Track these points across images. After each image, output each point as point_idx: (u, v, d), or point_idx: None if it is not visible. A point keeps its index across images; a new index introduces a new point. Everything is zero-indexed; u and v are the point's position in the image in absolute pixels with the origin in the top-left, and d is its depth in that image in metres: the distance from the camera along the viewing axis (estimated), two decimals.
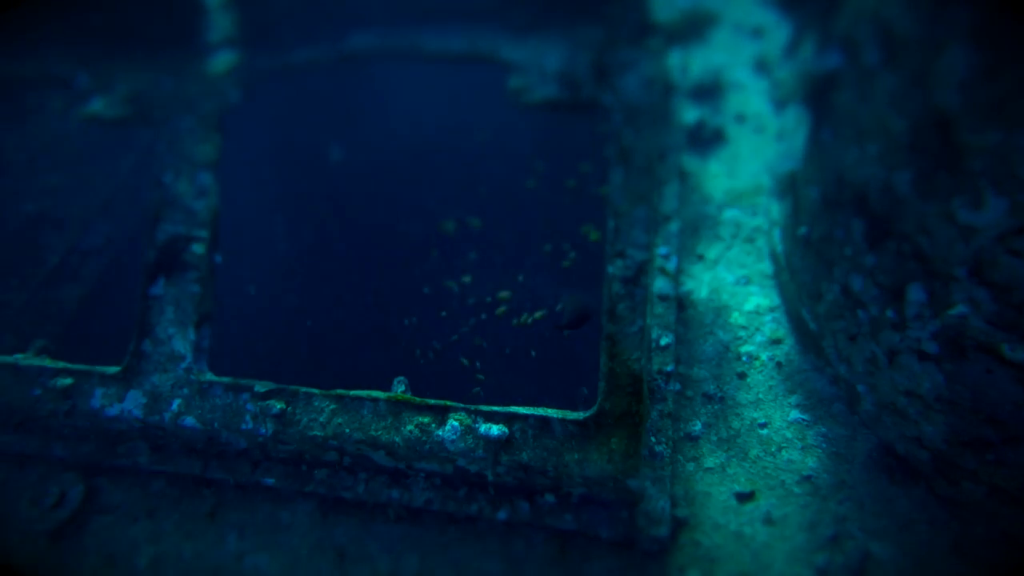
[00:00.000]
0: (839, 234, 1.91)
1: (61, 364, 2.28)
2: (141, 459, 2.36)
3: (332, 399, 1.98)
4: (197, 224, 2.18)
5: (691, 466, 2.14)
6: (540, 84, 1.92)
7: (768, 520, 1.98)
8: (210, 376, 2.11)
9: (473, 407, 1.87)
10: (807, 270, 2.22)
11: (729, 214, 2.85)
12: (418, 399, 1.92)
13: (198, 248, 2.16)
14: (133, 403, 2.17)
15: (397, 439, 1.91)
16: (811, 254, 2.16)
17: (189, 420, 2.11)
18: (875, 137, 1.61)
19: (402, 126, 3.39)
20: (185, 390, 2.12)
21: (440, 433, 1.86)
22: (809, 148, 2.06)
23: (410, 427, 1.90)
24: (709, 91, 3.33)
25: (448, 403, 1.89)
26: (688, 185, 3.00)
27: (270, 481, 2.22)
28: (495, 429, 1.79)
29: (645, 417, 1.74)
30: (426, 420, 1.89)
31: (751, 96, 3.35)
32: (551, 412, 1.82)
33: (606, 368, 1.78)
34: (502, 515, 1.99)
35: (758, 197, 2.86)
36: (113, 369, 2.24)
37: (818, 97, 1.93)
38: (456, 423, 1.84)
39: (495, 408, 1.85)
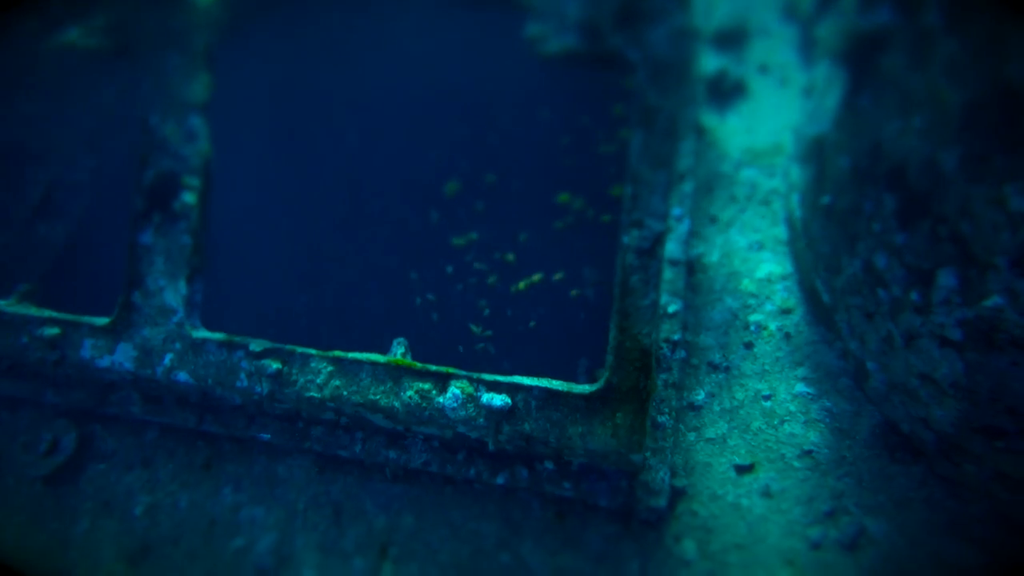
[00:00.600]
0: (868, 208, 1.80)
1: (48, 313, 2.20)
2: (134, 409, 2.32)
3: (330, 361, 1.92)
4: (187, 171, 2.05)
5: (692, 436, 2.12)
6: (559, 32, 1.76)
7: (766, 493, 1.98)
8: (203, 332, 2.03)
9: (476, 375, 1.81)
10: (827, 241, 2.13)
11: (746, 174, 2.73)
12: (419, 364, 1.86)
13: (189, 197, 2.03)
14: (124, 356, 2.11)
15: (396, 404, 1.86)
16: (833, 225, 2.06)
17: (182, 375, 2.05)
18: (924, 108, 1.48)
19: (408, 72, 3.16)
20: (177, 345, 2.05)
21: (441, 400, 1.82)
22: (842, 112, 1.92)
23: (410, 392, 1.85)
24: (733, 37, 3.12)
25: (450, 370, 1.83)
26: (704, 141, 2.85)
27: (266, 436, 2.19)
28: (498, 399, 1.74)
29: (652, 392, 1.69)
30: (427, 386, 1.84)
31: (777, 44, 3.14)
32: (556, 384, 1.77)
33: (615, 342, 1.72)
34: (500, 480, 1.98)
35: (777, 156, 2.73)
36: (102, 320, 2.16)
37: (860, 57, 1.78)
38: (458, 391, 1.78)
39: (498, 378, 1.79)
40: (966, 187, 1.41)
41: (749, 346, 2.27)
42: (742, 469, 2.03)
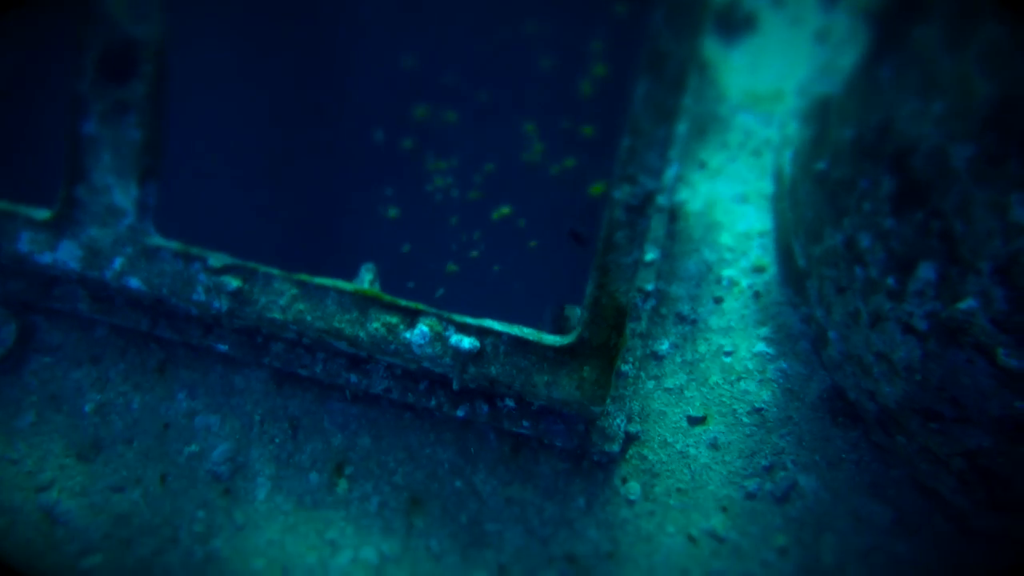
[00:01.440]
0: (863, 184, 1.76)
1: None
2: (81, 306, 2.20)
3: (294, 283, 1.84)
4: (137, 55, 1.81)
5: (651, 384, 2.18)
6: None
7: (713, 445, 2.08)
8: (158, 239, 1.90)
9: (446, 314, 1.77)
10: (813, 207, 2.10)
11: (741, 119, 2.62)
12: (387, 297, 1.80)
13: (139, 87, 1.81)
14: (68, 255, 1.96)
15: (362, 334, 1.82)
16: (823, 193, 2.02)
17: (133, 281, 1.94)
18: (948, 94, 1.40)
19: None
20: (128, 249, 1.92)
21: (408, 336, 1.78)
22: (857, 78, 1.82)
23: (376, 324, 1.80)
24: None
25: (419, 306, 1.78)
26: (705, 78, 2.70)
27: (223, 348, 2.14)
28: (466, 342, 1.71)
29: (621, 349, 1.70)
30: (394, 320, 1.79)
31: None
32: (527, 332, 1.75)
33: (592, 298, 1.69)
34: (460, 413, 2.01)
35: (777, 103, 2.62)
36: (42, 213, 1.99)
37: (890, 21, 1.66)
38: (426, 328, 1.75)
39: (468, 320, 1.76)
40: (971, 186, 1.38)
41: (719, 301, 2.29)
42: (694, 420, 2.12)
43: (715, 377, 2.19)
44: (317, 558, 2.00)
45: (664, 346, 2.23)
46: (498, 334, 1.75)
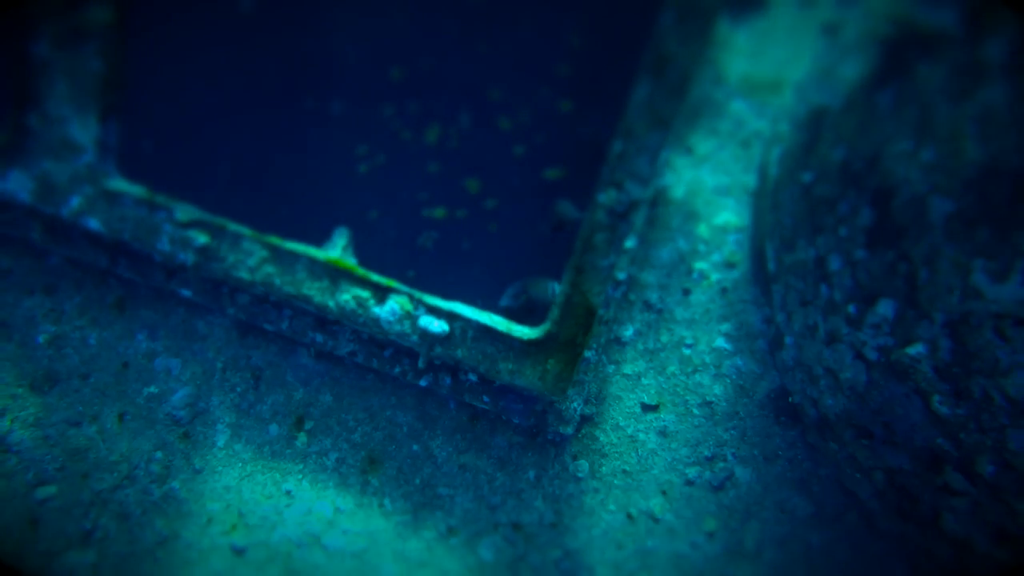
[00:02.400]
0: (843, 209, 1.78)
1: None
2: (33, 235, 2.10)
3: (264, 245, 1.79)
4: None
5: (611, 368, 2.25)
6: None
7: (662, 432, 2.19)
8: (120, 182, 1.80)
9: (417, 294, 1.76)
10: (792, 216, 2.11)
11: (735, 106, 2.56)
12: (360, 270, 1.78)
13: (98, 12, 1.66)
14: (18, 185, 1.85)
15: (331, 303, 1.81)
16: (804, 205, 2.03)
17: (92, 223, 1.85)
18: (938, 144, 1.41)
19: None
20: (87, 188, 1.82)
21: (377, 311, 1.78)
22: (857, 97, 1.79)
23: (347, 296, 1.79)
24: None
25: (391, 283, 1.77)
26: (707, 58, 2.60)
27: (186, 293, 2.09)
28: (435, 325, 1.72)
29: (586, 347, 1.74)
30: (365, 295, 1.78)
31: None
32: (497, 321, 1.76)
33: (564, 296, 1.70)
34: (423, 383, 2.04)
35: (774, 94, 2.56)
36: None
37: (898, 49, 1.62)
38: (396, 306, 1.74)
39: (439, 303, 1.76)
40: (942, 241, 1.41)
41: (687, 292, 2.33)
42: (647, 408, 2.21)
43: (673, 367, 2.26)
44: (272, 507, 2.08)
45: (628, 332, 2.28)
46: (467, 320, 1.76)
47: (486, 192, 2.55)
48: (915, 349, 1.50)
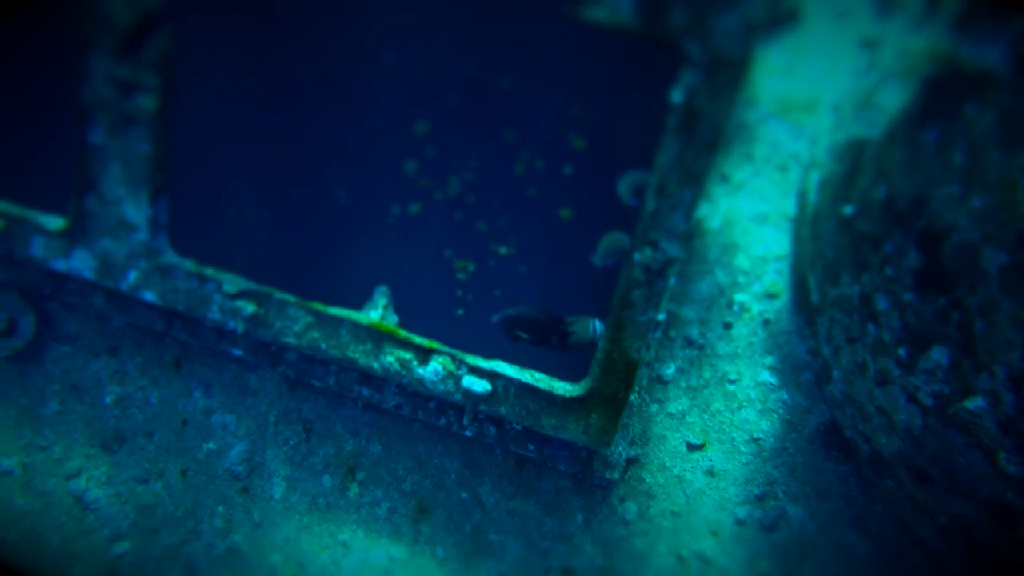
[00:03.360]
0: (889, 248, 1.72)
1: None
2: (96, 301, 2.22)
3: (309, 312, 1.85)
4: (144, 67, 1.72)
5: (655, 407, 2.24)
6: None
7: (710, 472, 2.17)
8: (172, 257, 1.89)
9: (459, 355, 1.80)
10: (834, 248, 2.06)
11: (770, 128, 2.50)
12: (403, 333, 1.82)
13: (147, 102, 1.74)
14: (82, 263, 1.96)
15: (375, 365, 1.86)
16: (846, 238, 1.98)
17: (149, 295, 1.95)
18: (990, 192, 1.35)
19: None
20: (143, 263, 1.91)
21: (421, 371, 1.82)
22: (899, 132, 1.73)
23: (390, 359, 1.83)
24: None
25: (434, 345, 1.81)
26: None
27: (238, 352, 2.18)
28: (478, 385, 1.75)
29: (628, 400, 1.74)
30: (408, 356, 1.82)
31: None
32: (539, 379, 1.78)
33: (604, 352, 1.70)
34: (469, 433, 2.08)
35: (810, 114, 2.49)
36: (56, 221, 1.96)
37: (943, 87, 1.56)
38: (439, 367, 1.78)
39: (480, 363, 1.79)
40: (998, 293, 1.36)
41: (728, 326, 2.30)
42: (693, 447, 2.19)
43: (717, 404, 2.24)
44: (330, 557, 2.15)
45: (670, 370, 2.26)
46: (509, 379, 1.79)
47: (511, 244, 2.58)
48: (975, 403, 1.45)
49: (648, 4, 1.44)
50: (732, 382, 2.25)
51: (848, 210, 1.95)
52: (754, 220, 2.40)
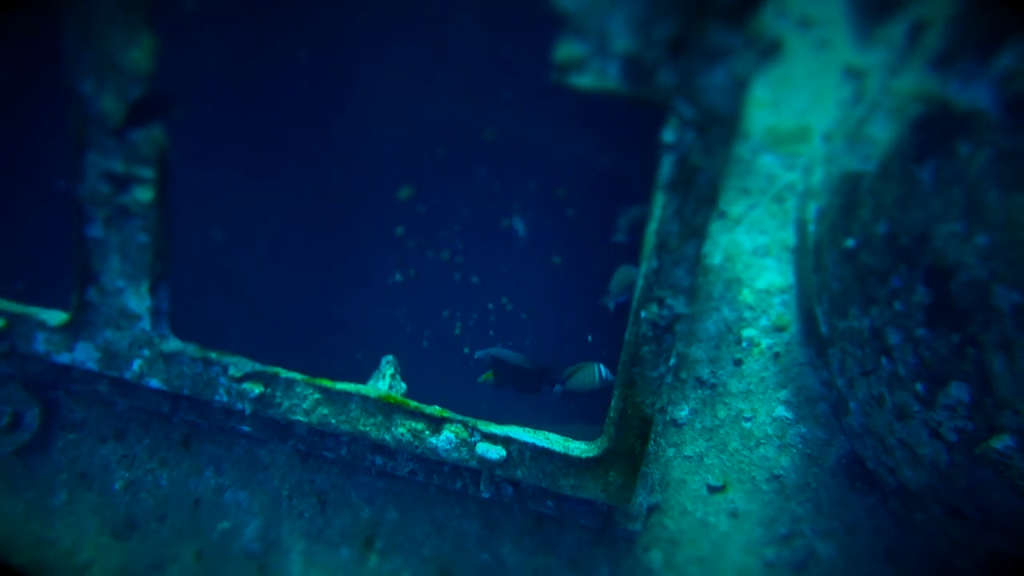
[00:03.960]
0: (896, 283, 1.71)
1: None
2: (101, 388, 2.20)
3: (317, 388, 1.83)
4: (138, 160, 1.72)
5: (671, 451, 2.20)
6: (598, 59, 1.44)
7: (733, 514, 2.13)
8: (175, 343, 1.87)
9: (471, 422, 1.77)
10: (839, 280, 2.05)
11: (764, 161, 2.51)
12: (412, 404, 1.80)
13: (143, 194, 1.74)
14: (85, 355, 1.94)
15: (387, 437, 1.83)
16: (851, 271, 1.97)
17: (154, 382, 1.93)
18: (993, 231, 1.35)
19: (390, 58, 2.59)
20: (146, 351, 1.90)
21: (434, 441, 1.79)
22: (893, 167, 1.73)
23: (402, 430, 1.81)
24: None
25: (445, 413, 1.78)
26: None
27: (246, 429, 2.15)
28: (493, 452, 1.72)
29: (646, 455, 1.71)
30: (419, 427, 1.79)
31: None
32: (554, 442, 1.75)
33: (618, 410, 1.68)
34: (486, 494, 2.04)
35: (801, 144, 2.50)
36: (57, 315, 1.95)
37: (934, 126, 1.57)
38: (452, 435, 1.75)
39: (494, 429, 1.76)
40: (1015, 332, 1.34)
41: (738, 363, 2.28)
42: (714, 489, 2.16)
43: (735, 443, 2.21)
44: None
45: (683, 412, 2.24)
46: (523, 443, 1.76)
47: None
48: (1002, 442, 1.42)
49: (635, 68, 1.44)
50: (747, 420, 2.22)
51: (850, 243, 1.94)
52: (755, 253, 2.39)
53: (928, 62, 1.59)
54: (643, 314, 1.58)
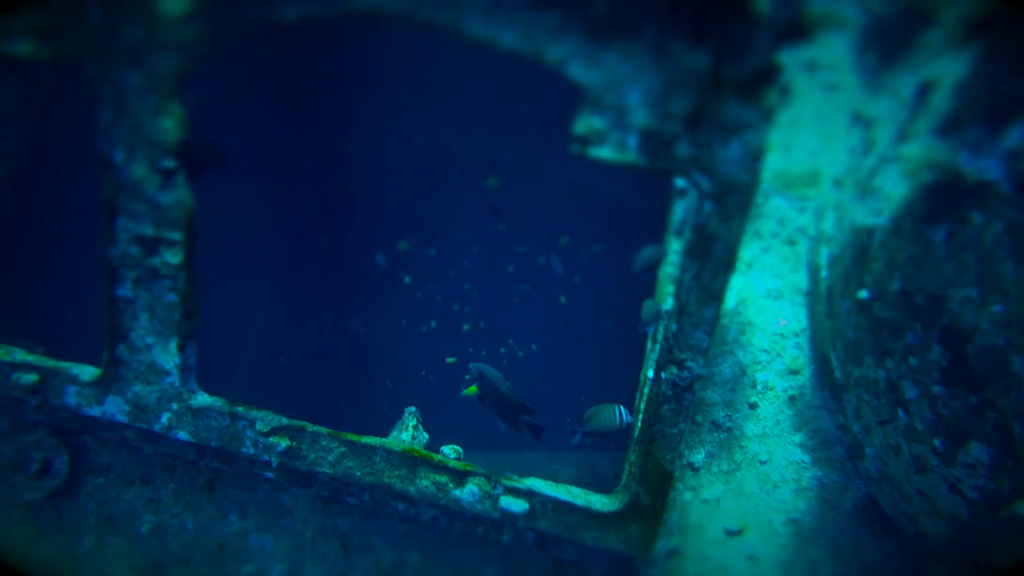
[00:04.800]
0: (911, 339, 1.74)
1: (24, 357, 2.02)
2: (127, 434, 2.25)
3: (342, 442, 1.87)
4: (167, 224, 1.78)
5: (688, 495, 2.23)
6: (617, 132, 1.49)
7: (751, 557, 2.15)
8: (203, 398, 1.92)
9: (494, 475, 1.81)
10: (853, 329, 2.08)
11: (774, 204, 2.55)
12: (437, 457, 1.84)
13: (172, 256, 1.79)
14: (115, 408, 1.99)
15: (411, 489, 1.87)
16: (864, 321, 2.00)
17: (182, 435, 1.98)
18: (1009, 301, 1.38)
19: (411, 130, 2.65)
20: (174, 405, 1.95)
21: (457, 493, 1.83)
22: (905, 225, 1.77)
23: (426, 483, 1.85)
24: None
25: (468, 467, 1.82)
26: None
27: (270, 475, 2.19)
28: (516, 505, 1.76)
29: (664, 508, 1.74)
30: (443, 479, 1.83)
31: (832, 35, 2.76)
32: (576, 496, 1.79)
33: (638, 466, 1.72)
34: (507, 539, 2.08)
35: (811, 187, 2.54)
36: (89, 370, 2.01)
37: (946, 192, 1.60)
38: (475, 488, 1.79)
39: (516, 483, 1.80)
40: None
41: (754, 406, 2.31)
42: (731, 533, 2.18)
43: (751, 487, 2.23)
44: None
45: (700, 456, 2.27)
46: (545, 496, 1.79)
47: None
48: None
49: (653, 141, 1.49)
50: (764, 463, 2.25)
51: (864, 294, 1.97)
52: (768, 297, 2.43)
53: (937, 127, 1.63)
54: (664, 375, 1.62)
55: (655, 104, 1.48)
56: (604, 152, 1.50)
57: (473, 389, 2.42)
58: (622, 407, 2.43)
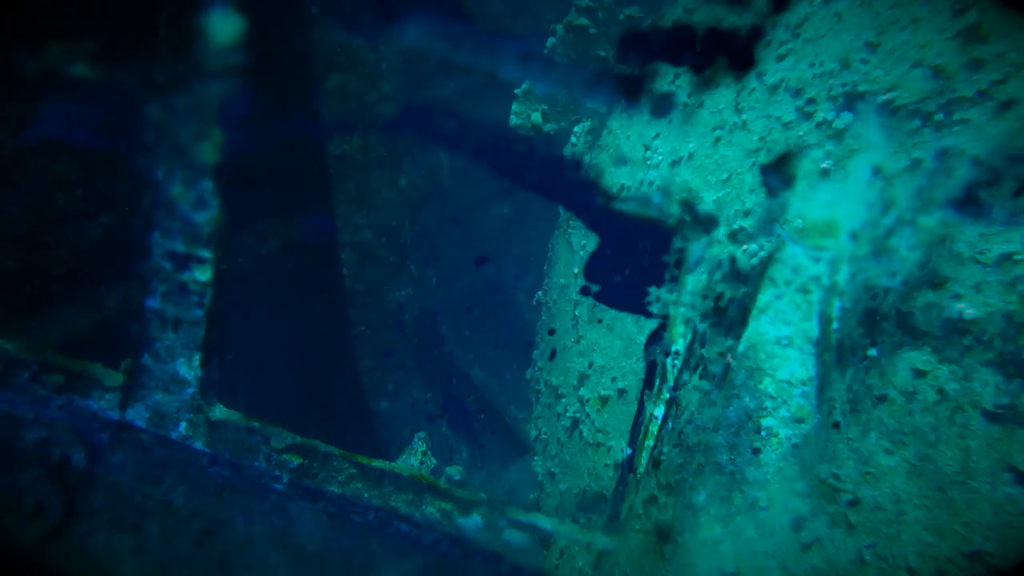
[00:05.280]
0: None
1: (53, 359, 2.09)
2: (144, 436, 2.31)
3: (353, 464, 1.92)
4: (198, 242, 1.84)
5: (687, 535, 2.26)
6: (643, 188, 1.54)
7: None
8: (221, 411, 1.98)
9: (499, 506, 1.85)
10: (861, 383, 2.11)
11: (789, 252, 2.58)
12: (443, 485, 1.88)
13: (201, 273, 1.86)
14: (136, 414, 2.06)
15: (416, 515, 1.92)
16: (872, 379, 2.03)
17: (198, 444, 2.03)
18: None
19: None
20: (192, 416, 2.00)
21: (461, 522, 1.87)
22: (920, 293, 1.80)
23: (432, 509, 1.89)
24: None
25: (473, 496, 1.87)
26: None
27: (279, 487, 2.25)
28: (518, 537, 1.80)
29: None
30: (448, 507, 1.88)
31: None
32: (577, 532, 1.83)
33: (643, 505, 1.75)
34: (506, 570, 2.11)
35: (828, 238, 2.57)
36: (114, 375, 2.07)
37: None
38: (479, 518, 1.84)
39: (520, 517, 1.84)
40: None
41: (756, 452, 2.34)
42: None
43: (750, 532, 2.26)
44: None
45: (700, 498, 2.30)
46: (547, 532, 1.83)
47: None
48: None
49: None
50: (763, 509, 2.28)
51: (874, 352, 2.01)
52: (778, 344, 2.45)
53: (955, 199, 1.66)
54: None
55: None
56: (628, 207, 1.55)
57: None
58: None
